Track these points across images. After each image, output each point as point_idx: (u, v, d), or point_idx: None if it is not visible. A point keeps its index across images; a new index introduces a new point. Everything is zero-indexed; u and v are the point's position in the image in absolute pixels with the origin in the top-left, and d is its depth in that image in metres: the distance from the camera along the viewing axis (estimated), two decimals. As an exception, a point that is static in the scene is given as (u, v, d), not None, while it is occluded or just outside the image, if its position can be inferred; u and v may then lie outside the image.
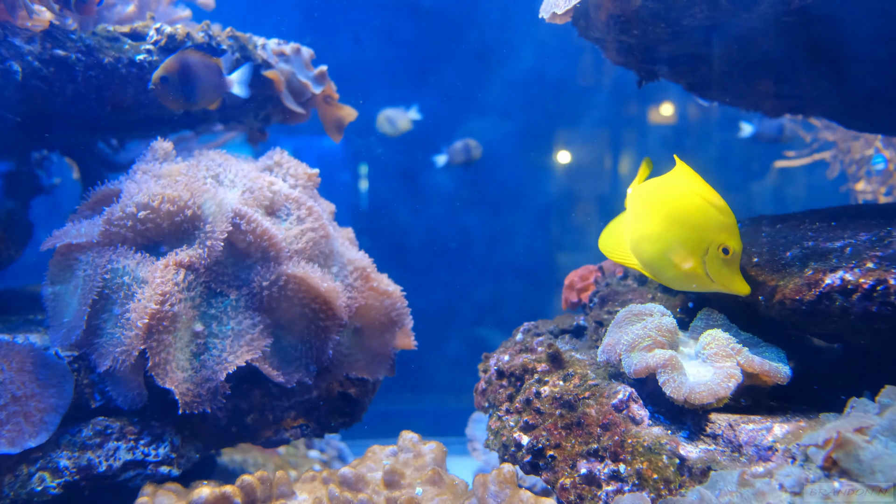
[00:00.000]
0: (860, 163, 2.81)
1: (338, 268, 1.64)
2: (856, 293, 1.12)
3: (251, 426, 1.56)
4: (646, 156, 1.53)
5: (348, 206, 4.54)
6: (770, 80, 1.68)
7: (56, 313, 1.48)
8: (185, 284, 1.42)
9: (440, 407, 4.21)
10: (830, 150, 2.99)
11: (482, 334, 4.47)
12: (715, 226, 1.23)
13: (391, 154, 4.65)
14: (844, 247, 1.20)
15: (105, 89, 1.70)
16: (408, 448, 1.35)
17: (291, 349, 1.53)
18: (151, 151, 1.64)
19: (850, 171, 2.90)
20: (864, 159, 2.79)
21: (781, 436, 1.15)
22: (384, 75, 4.43)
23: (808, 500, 0.99)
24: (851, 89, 1.52)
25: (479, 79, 4.25)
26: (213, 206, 1.48)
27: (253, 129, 2.30)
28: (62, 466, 1.35)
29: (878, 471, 0.96)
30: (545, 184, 4.79)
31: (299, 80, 2.00)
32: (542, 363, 1.40)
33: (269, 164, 1.74)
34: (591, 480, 1.20)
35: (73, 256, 1.48)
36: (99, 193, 1.59)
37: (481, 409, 1.52)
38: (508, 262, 4.68)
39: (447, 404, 4.16)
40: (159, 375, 1.35)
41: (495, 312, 4.57)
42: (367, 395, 1.73)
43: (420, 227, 4.66)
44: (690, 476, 1.14)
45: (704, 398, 1.19)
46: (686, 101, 4.44)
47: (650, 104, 4.57)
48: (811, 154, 3.05)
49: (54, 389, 1.40)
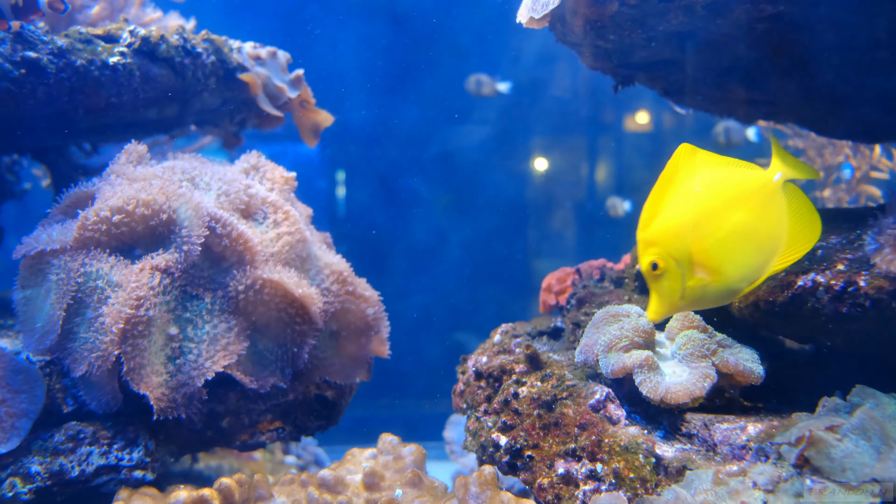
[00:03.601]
0: (829, 170, 2.87)
1: (314, 271, 1.63)
2: (827, 295, 1.14)
3: (227, 430, 1.54)
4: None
5: (325, 212, 4.52)
6: (742, 86, 1.71)
7: (28, 318, 1.46)
8: (161, 288, 1.40)
9: (417, 412, 4.21)
10: (800, 157, 3.05)
11: (459, 339, 4.47)
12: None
13: (368, 160, 4.65)
14: (816, 249, 1.23)
15: (78, 92, 1.68)
16: (387, 450, 1.34)
17: (267, 353, 1.52)
18: (126, 154, 1.62)
19: (819, 179, 2.96)
20: (834, 167, 2.85)
21: (755, 435, 1.16)
22: (361, 81, 4.43)
23: (781, 498, 1.01)
24: (820, 94, 1.56)
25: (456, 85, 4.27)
26: (189, 209, 1.46)
27: (228, 133, 2.29)
28: (33, 472, 1.32)
29: (848, 469, 0.98)
30: (522, 189, 4.82)
31: (275, 84, 1.99)
32: (520, 364, 1.41)
33: (246, 167, 1.73)
34: (568, 480, 1.20)
35: (45, 260, 1.46)
36: (72, 196, 1.56)
37: (459, 410, 1.53)
38: (485, 268, 4.69)
39: (424, 409, 4.16)
40: (134, 381, 1.33)
41: (472, 317, 4.58)
42: (345, 398, 1.73)
43: (397, 233, 4.66)
44: (666, 475, 1.15)
45: (680, 398, 1.21)
46: (661, 109, 4.49)
47: (626, 112, 4.62)
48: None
49: (25, 395, 1.38)
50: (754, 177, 1.09)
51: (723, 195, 1.08)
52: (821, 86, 1.50)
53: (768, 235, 1.08)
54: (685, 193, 1.09)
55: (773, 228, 1.08)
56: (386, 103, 4.50)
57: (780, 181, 1.08)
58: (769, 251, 1.08)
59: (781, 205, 1.08)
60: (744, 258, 1.07)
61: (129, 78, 1.72)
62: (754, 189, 1.08)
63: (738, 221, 1.07)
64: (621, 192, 4.59)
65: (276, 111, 1.98)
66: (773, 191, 1.08)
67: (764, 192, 1.08)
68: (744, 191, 1.08)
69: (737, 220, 1.07)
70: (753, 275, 1.08)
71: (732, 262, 1.07)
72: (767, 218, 1.08)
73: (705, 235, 1.07)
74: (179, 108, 1.94)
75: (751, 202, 1.08)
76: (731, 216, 1.07)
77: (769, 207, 1.08)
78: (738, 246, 1.07)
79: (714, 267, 1.07)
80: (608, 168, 4.74)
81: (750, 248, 1.08)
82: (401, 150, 4.47)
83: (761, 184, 1.09)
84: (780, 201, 1.08)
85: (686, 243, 1.07)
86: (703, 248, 1.07)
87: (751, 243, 1.07)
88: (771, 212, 1.08)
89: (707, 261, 1.07)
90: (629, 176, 4.62)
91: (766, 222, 1.08)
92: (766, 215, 1.08)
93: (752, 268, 1.08)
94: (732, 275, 1.08)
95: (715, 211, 1.07)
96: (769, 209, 1.08)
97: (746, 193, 1.08)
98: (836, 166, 2.86)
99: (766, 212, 1.08)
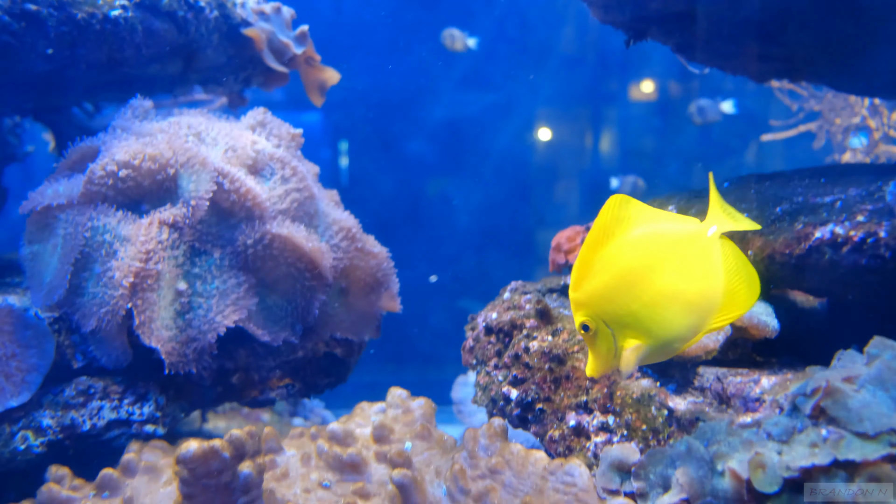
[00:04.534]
0: (846, 132, 2.82)
1: (323, 228, 1.62)
2: (845, 246, 1.13)
3: (237, 386, 1.54)
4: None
5: (329, 179, 4.50)
6: (757, 41, 1.67)
7: (35, 273, 1.45)
8: (169, 243, 1.39)
9: (423, 377, 4.22)
10: (816, 120, 3.00)
11: (465, 306, 4.48)
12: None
13: (372, 126, 4.60)
14: (835, 201, 1.21)
15: (79, 46, 1.65)
16: (396, 404, 1.34)
17: (277, 308, 1.52)
18: (131, 109, 1.60)
19: (837, 141, 2.91)
20: (851, 128, 2.81)
21: (769, 387, 1.16)
22: (364, 42, 4.37)
23: (795, 449, 1.00)
24: (840, 46, 1.52)
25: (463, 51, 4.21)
26: (196, 164, 1.45)
27: (233, 92, 2.26)
28: (45, 426, 1.33)
29: (865, 419, 0.97)
30: (528, 155, 4.78)
31: (280, 39, 1.96)
32: (530, 319, 1.40)
33: (253, 123, 1.71)
34: (580, 432, 1.20)
35: (52, 215, 1.45)
36: (78, 151, 1.55)
37: (469, 366, 1.52)
38: (491, 235, 4.68)
39: (430, 374, 4.17)
40: (145, 334, 1.33)
41: (478, 284, 4.57)
42: (353, 356, 1.73)
43: (402, 200, 4.64)
44: (679, 427, 1.15)
45: (694, 350, 1.20)
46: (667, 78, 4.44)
47: (631, 81, 4.57)
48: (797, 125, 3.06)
49: (35, 350, 1.38)
50: (686, 232, 1.01)
51: (651, 254, 1.01)
52: (842, 37, 1.47)
53: (700, 295, 1.00)
54: (615, 251, 1.01)
55: (706, 288, 0.99)
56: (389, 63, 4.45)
57: (715, 236, 0.99)
58: (703, 311, 1.00)
59: (715, 262, 0.99)
60: (674, 320, 1.00)
61: (131, 32, 1.69)
62: (685, 246, 1.00)
63: (666, 282, 0.99)
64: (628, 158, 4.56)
65: (282, 67, 1.95)
66: (705, 247, 0.99)
67: (696, 248, 1.00)
68: (674, 248, 1.00)
69: (665, 281, 0.99)
70: (686, 335, 1.01)
71: (661, 324, 1.01)
72: (700, 277, 0.99)
73: (633, 298, 1.01)
74: (183, 64, 1.91)
75: (681, 260, 1.00)
76: (659, 276, 1.00)
77: (701, 265, 0.99)
78: (667, 308, 1.00)
79: (644, 329, 1.01)
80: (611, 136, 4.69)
81: (680, 310, 1.00)
82: (405, 115, 4.42)
83: (693, 240, 1.00)
84: (714, 258, 0.99)
85: (614, 306, 1.02)
86: (632, 311, 1.01)
87: (680, 304, 1.00)
88: (703, 270, 0.99)
89: (636, 323, 1.02)
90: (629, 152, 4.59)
91: (698, 281, 0.99)
92: (699, 274, 0.99)
93: (683, 329, 1.01)
94: (662, 337, 1.01)
95: (643, 271, 1.00)
96: (701, 267, 0.99)
97: (677, 251, 1.00)
98: (853, 127, 2.82)
99: (698, 270, 0.99)
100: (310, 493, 1.18)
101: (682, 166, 4.53)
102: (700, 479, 1.02)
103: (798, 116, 3.07)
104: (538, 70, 4.60)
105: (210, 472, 0.99)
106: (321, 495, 1.17)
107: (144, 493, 1.21)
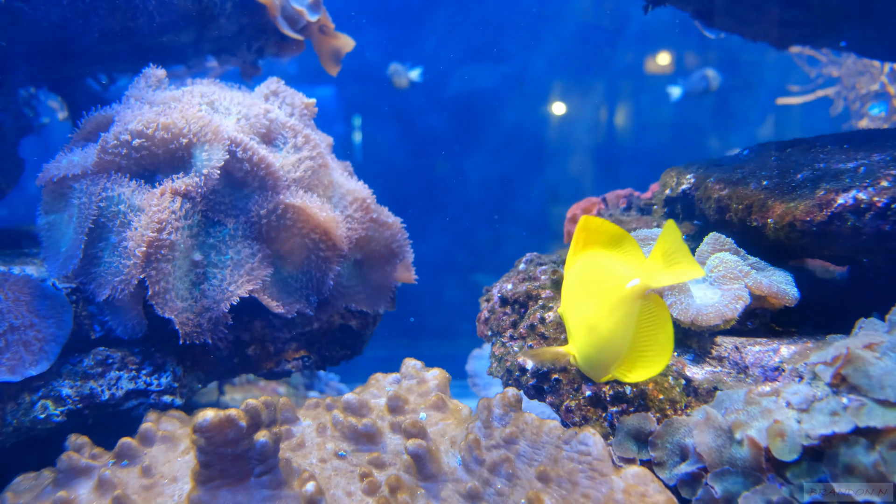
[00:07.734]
0: (864, 98, 2.76)
1: (337, 198, 1.61)
2: (869, 212, 1.10)
3: (252, 357, 1.55)
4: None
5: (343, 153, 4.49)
6: (779, 5, 1.63)
7: (52, 243, 1.45)
8: (183, 213, 1.39)
9: (437, 352, 4.24)
10: (834, 86, 2.94)
11: (479, 280, 4.47)
12: None
13: (387, 100, 4.57)
14: (858, 167, 1.18)
15: (92, 14, 1.64)
16: (411, 375, 1.34)
17: (291, 280, 1.51)
18: (144, 78, 1.59)
19: (854, 108, 2.85)
20: (870, 95, 2.75)
21: (788, 356, 1.14)
22: (379, 14, 4.32)
23: (815, 417, 0.99)
24: (868, 7, 1.48)
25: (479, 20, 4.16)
26: (209, 133, 1.44)
27: (246, 62, 2.24)
28: (64, 395, 1.34)
29: (887, 386, 0.96)
30: (543, 129, 4.74)
31: (293, 7, 1.93)
32: (546, 290, 1.39)
33: (266, 92, 1.69)
34: (596, 402, 1.19)
35: (68, 185, 1.45)
36: (92, 121, 1.54)
37: (484, 337, 1.52)
38: (505, 208, 4.66)
39: (444, 349, 4.19)
40: (159, 304, 1.33)
41: (492, 259, 4.56)
42: (368, 328, 1.72)
43: (417, 174, 4.62)
44: (696, 396, 1.13)
45: (712, 320, 1.18)
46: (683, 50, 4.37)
47: (647, 54, 4.50)
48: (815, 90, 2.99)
49: (53, 320, 1.38)
50: (613, 275, 1.02)
51: (582, 285, 1.07)
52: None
53: (607, 339, 1.02)
54: (571, 270, 1.10)
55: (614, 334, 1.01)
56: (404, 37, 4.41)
57: (635, 290, 0.98)
58: (612, 353, 1.02)
59: (629, 314, 0.99)
60: (588, 349, 1.05)
61: (145, 0, 1.68)
62: (607, 288, 1.02)
63: (586, 313, 1.04)
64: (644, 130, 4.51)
65: (296, 34, 1.92)
66: (624, 297, 0.99)
67: (615, 294, 1.00)
68: (599, 287, 1.03)
69: (586, 312, 1.04)
70: (599, 367, 1.05)
71: (581, 349, 1.06)
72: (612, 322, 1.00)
73: (569, 311, 1.10)
74: (196, 33, 1.89)
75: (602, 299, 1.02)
76: (583, 306, 1.05)
77: (617, 311, 1.00)
78: (584, 334, 1.05)
79: (573, 342, 1.09)
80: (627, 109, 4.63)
81: (593, 342, 1.04)
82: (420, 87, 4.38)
83: (614, 286, 1.00)
84: (629, 311, 0.99)
85: (564, 311, 1.13)
86: (568, 328, 1.11)
87: (594, 337, 1.03)
88: (617, 318, 1.00)
89: (570, 334, 1.10)
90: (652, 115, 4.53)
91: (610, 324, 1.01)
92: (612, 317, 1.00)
93: (596, 361, 1.05)
94: (583, 359, 1.07)
95: (575, 298, 1.08)
96: (616, 312, 1.00)
97: (601, 290, 1.03)
98: (872, 94, 2.76)
99: (613, 313, 1.00)
100: (325, 462, 1.18)
101: (697, 136, 4.48)
102: (718, 448, 1.01)
103: (817, 82, 3.01)
104: (554, 41, 4.54)
105: (227, 441, 0.99)
106: (337, 465, 1.18)
107: (163, 462, 1.22)
